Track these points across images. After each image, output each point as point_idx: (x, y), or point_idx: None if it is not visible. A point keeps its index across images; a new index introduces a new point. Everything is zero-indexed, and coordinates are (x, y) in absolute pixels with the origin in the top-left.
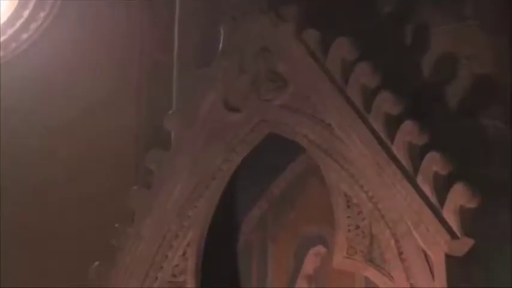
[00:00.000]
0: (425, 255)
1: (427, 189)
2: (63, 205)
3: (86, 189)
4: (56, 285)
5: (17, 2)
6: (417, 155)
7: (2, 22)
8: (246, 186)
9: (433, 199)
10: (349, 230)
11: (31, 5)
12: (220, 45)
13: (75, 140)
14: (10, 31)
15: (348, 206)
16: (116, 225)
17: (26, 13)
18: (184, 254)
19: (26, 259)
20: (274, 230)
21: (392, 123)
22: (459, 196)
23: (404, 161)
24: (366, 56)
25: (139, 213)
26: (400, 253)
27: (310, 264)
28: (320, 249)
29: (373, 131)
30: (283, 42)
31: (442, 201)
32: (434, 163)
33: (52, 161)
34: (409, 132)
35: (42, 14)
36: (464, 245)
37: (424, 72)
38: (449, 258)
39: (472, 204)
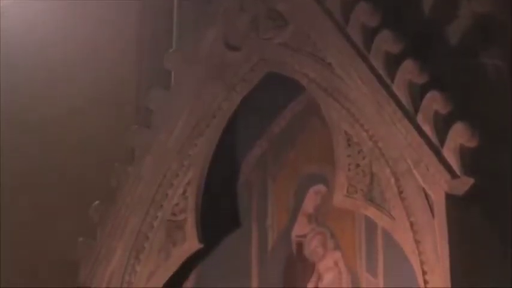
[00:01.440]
0: (426, 194)
1: (427, 128)
2: (63, 145)
3: (86, 129)
4: (56, 222)
5: None
6: (417, 94)
7: None
8: (246, 125)
9: (433, 138)
10: (349, 169)
11: None
12: None
13: (75, 78)
14: None
15: (348, 145)
16: (116, 164)
17: None
18: (184, 192)
19: (25, 200)
20: (274, 169)
21: (393, 62)
22: (459, 135)
23: (405, 100)
24: None
25: (140, 152)
26: (400, 192)
27: (310, 202)
28: (320, 187)
29: (373, 70)
30: None
31: (442, 140)
32: (434, 102)
33: (52, 99)
34: (409, 71)
35: None
36: (464, 184)
37: (425, 11)
38: (449, 197)
39: (472, 143)
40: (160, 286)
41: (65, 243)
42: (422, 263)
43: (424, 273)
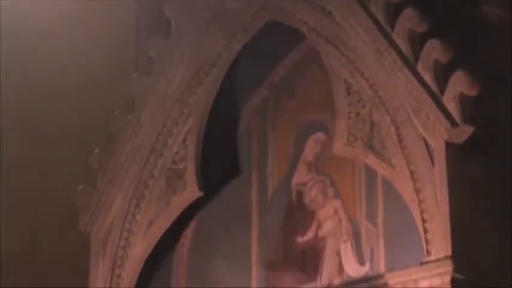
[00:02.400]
0: (426, 143)
1: (427, 77)
2: (63, 92)
3: (86, 77)
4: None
5: None
6: (417, 42)
7: None
8: (246, 74)
9: (433, 86)
10: (349, 117)
11: None
12: None
13: (76, 26)
14: None
15: (349, 93)
16: (116, 113)
17: None
18: (184, 141)
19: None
20: (274, 117)
21: (393, 11)
22: (459, 83)
23: (405, 48)
24: None
25: (139, 100)
26: (400, 140)
27: (310, 150)
28: (320, 135)
29: (373, 18)
30: None
31: (442, 88)
32: (434, 50)
33: (52, 42)
34: (409, 19)
35: None
36: (464, 132)
37: None
38: (449, 145)
39: (472, 92)
40: (161, 234)
41: (66, 192)
42: (422, 211)
43: (424, 221)
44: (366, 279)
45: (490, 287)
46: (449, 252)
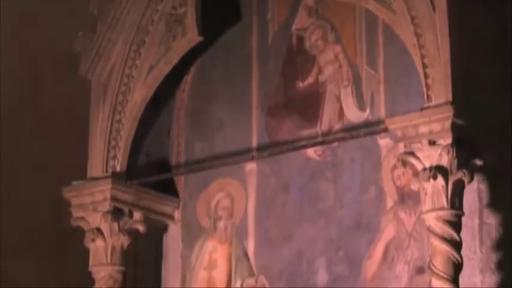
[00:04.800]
0: None
1: None
2: None
3: None
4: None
5: None
6: None
7: None
8: None
9: None
10: None
11: None
12: None
13: None
14: None
15: None
16: None
17: None
18: None
19: None
20: None
21: None
22: None
23: None
24: None
25: None
26: None
27: None
28: None
29: None
30: None
31: None
32: None
33: None
34: None
35: None
36: None
37: None
38: None
39: None
40: (161, 79)
41: (66, 39)
42: (422, 56)
43: (424, 66)
44: (366, 124)
45: (489, 132)
46: (450, 98)
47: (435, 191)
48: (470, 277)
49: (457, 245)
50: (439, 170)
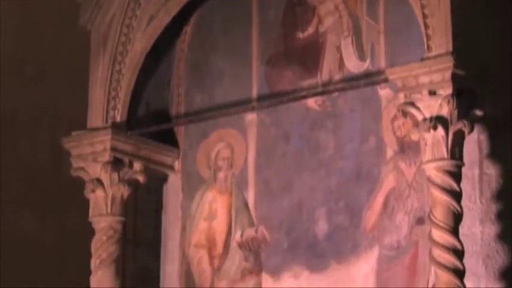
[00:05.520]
0: None
1: None
2: None
3: None
4: None
5: None
6: None
7: None
8: None
9: None
10: None
11: None
12: None
13: None
14: None
15: None
16: None
17: None
18: None
19: None
20: None
21: None
22: None
23: None
24: None
25: None
26: None
27: None
28: None
29: None
30: None
31: None
32: None
33: None
34: None
35: None
36: None
37: None
38: None
39: None
40: (161, 29)
41: None
42: (423, 6)
43: (425, 16)
44: (366, 74)
45: (489, 82)
46: (450, 48)
47: (435, 141)
48: (470, 227)
49: (457, 196)
50: (439, 121)
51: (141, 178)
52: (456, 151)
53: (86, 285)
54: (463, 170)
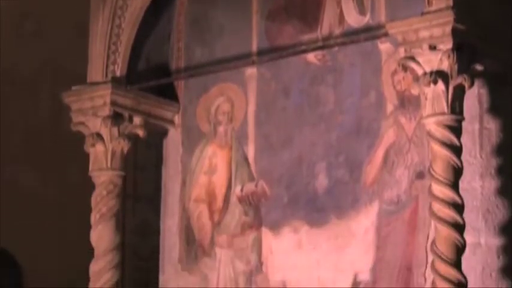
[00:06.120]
0: None
1: None
2: None
3: None
4: None
5: None
6: None
7: None
8: None
9: None
10: None
11: None
12: None
13: None
14: None
15: None
16: None
17: None
18: None
19: None
20: None
21: None
22: None
23: None
24: None
25: None
26: None
27: None
28: None
29: None
30: None
31: None
32: None
33: None
34: None
35: None
36: None
37: None
38: None
39: None
40: None
41: None
42: None
43: None
44: (367, 28)
45: (490, 37)
46: (451, 3)
47: (435, 95)
48: (470, 182)
49: (457, 150)
50: (439, 75)
51: (141, 132)
52: (456, 105)
53: (86, 240)
54: (463, 124)
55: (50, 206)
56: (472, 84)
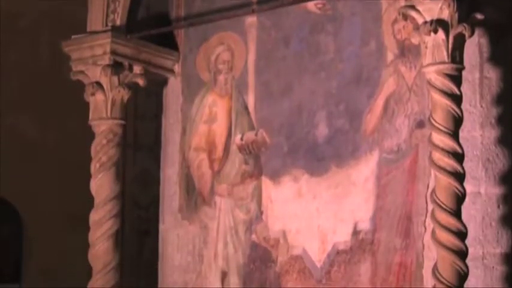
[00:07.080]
0: None
1: None
2: None
3: None
4: None
5: None
6: None
7: None
8: None
9: None
10: None
11: None
12: None
13: None
14: None
15: None
16: None
17: None
18: None
19: None
20: None
21: None
22: None
23: None
24: None
25: None
26: None
27: None
28: None
29: None
30: None
31: None
32: None
33: None
34: None
35: None
36: None
37: None
38: None
39: None
40: None
41: None
42: None
43: None
44: None
45: None
46: None
47: (436, 44)
48: (470, 131)
49: (457, 99)
50: (439, 24)
51: (141, 81)
52: (456, 54)
53: (86, 188)
54: (464, 73)
55: (49, 155)
56: (472, 34)
